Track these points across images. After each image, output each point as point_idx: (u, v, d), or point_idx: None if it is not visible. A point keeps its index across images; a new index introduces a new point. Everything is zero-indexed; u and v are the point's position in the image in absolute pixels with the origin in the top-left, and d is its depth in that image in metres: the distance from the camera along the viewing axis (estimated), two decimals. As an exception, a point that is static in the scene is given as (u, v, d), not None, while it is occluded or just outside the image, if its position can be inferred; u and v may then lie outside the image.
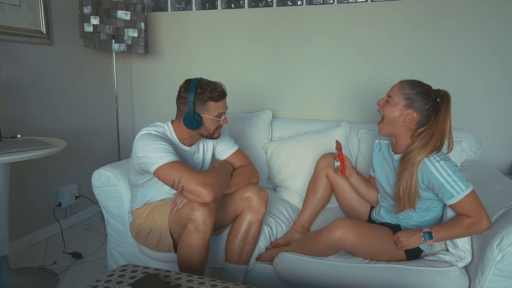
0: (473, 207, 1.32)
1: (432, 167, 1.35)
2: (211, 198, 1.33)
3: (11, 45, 2.08)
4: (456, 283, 1.35)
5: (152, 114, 2.86)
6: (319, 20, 2.36)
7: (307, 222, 1.82)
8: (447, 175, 1.33)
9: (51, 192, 2.41)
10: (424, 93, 1.40)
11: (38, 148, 1.64)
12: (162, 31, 2.71)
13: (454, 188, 1.32)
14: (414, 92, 1.40)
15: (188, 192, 1.33)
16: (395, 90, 1.45)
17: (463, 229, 1.34)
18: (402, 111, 1.42)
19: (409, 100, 1.41)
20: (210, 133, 1.51)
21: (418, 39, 2.20)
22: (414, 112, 1.41)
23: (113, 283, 1.09)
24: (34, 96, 2.24)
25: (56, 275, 1.95)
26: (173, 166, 1.35)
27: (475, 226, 1.32)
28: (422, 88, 1.42)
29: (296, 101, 2.50)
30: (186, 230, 1.37)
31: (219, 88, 1.47)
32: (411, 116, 1.41)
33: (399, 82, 1.46)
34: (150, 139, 1.40)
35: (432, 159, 1.36)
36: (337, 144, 1.63)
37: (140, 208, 1.58)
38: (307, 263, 1.50)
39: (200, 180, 1.33)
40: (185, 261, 1.39)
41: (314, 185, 1.83)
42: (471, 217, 1.32)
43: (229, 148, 1.71)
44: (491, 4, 2.07)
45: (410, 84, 1.43)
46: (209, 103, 1.45)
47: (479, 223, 1.31)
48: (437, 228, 1.39)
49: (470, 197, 1.32)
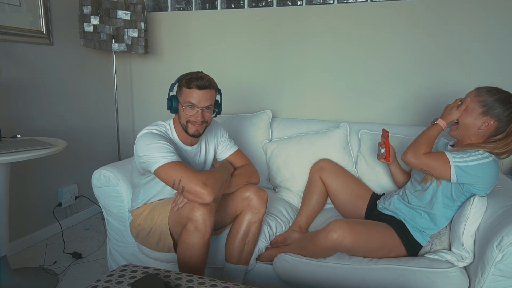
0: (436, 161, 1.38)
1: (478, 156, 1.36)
2: (211, 199, 1.32)
3: (11, 45, 2.08)
4: (456, 283, 1.35)
5: (152, 114, 2.86)
6: (319, 20, 2.36)
7: (305, 223, 1.82)
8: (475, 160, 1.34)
9: (51, 192, 2.41)
10: (503, 100, 1.37)
11: (38, 148, 1.64)
12: (162, 31, 2.71)
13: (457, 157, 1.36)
14: (491, 99, 1.37)
15: (189, 192, 1.33)
16: (472, 96, 1.42)
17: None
18: (479, 118, 1.39)
19: (486, 107, 1.38)
20: (184, 124, 1.48)
21: (418, 39, 2.20)
22: (491, 119, 1.37)
23: (113, 283, 1.09)
24: (34, 96, 2.24)
25: (56, 275, 1.95)
26: (173, 166, 1.34)
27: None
28: (501, 95, 1.38)
29: (296, 101, 2.50)
30: (186, 230, 1.36)
31: (200, 79, 1.42)
32: (488, 123, 1.38)
33: (476, 89, 1.44)
34: (151, 138, 1.40)
35: (485, 153, 1.35)
36: (384, 132, 1.64)
37: (140, 208, 1.58)
38: (307, 264, 1.51)
39: (200, 180, 1.32)
40: (185, 260, 1.39)
41: (310, 188, 1.87)
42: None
43: (229, 148, 1.72)
44: (491, 4, 2.07)
45: (488, 91, 1.40)
46: (183, 89, 1.45)
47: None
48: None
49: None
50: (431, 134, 1.45)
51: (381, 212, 1.67)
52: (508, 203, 1.35)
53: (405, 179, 1.77)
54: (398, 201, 1.62)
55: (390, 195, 1.71)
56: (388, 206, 1.64)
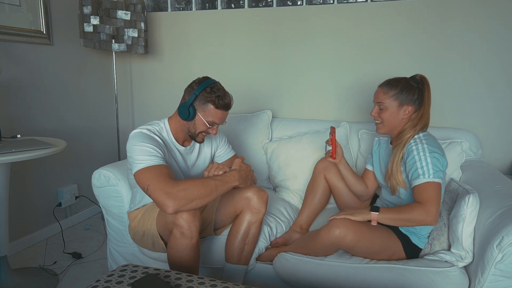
0: (430, 195, 1.34)
1: (414, 146, 1.43)
2: (172, 211, 1.26)
3: (11, 45, 2.08)
4: (456, 283, 1.35)
5: (152, 114, 2.86)
6: (319, 20, 2.36)
7: (305, 223, 1.82)
8: (423, 155, 1.39)
9: (51, 192, 2.41)
10: (406, 87, 1.48)
11: (38, 148, 1.64)
12: (162, 31, 2.71)
13: (423, 169, 1.37)
14: (397, 90, 1.48)
15: (154, 201, 1.31)
16: (381, 96, 1.51)
17: (409, 214, 1.35)
18: (398, 110, 1.49)
19: (399, 99, 1.48)
20: (195, 133, 1.50)
21: (418, 39, 2.20)
22: (408, 106, 1.48)
23: (113, 283, 1.09)
24: (34, 96, 2.24)
25: (56, 275, 1.95)
26: (147, 172, 1.32)
27: (422, 214, 1.33)
28: (401, 83, 1.49)
29: (296, 101, 2.50)
30: (173, 235, 1.35)
31: (227, 99, 1.48)
32: (408, 111, 1.49)
33: (379, 87, 1.53)
34: (138, 139, 1.40)
35: (417, 139, 1.45)
36: (331, 129, 1.65)
37: (135, 211, 1.58)
38: (307, 263, 1.50)
39: (164, 190, 1.27)
40: (176, 264, 1.38)
41: (313, 187, 1.85)
42: (422, 204, 1.34)
43: (227, 153, 1.74)
44: (491, 4, 2.07)
45: (390, 85, 1.50)
46: (209, 106, 1.45)
47: (427, 213, 1.33)
48: (386, 208, 1.41)
49: (432, 186, 1.35)
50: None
51: None
52: (508, 203, 1.35)
53: (359, 183, 1.72)
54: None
55: (379, 201, 1.72)
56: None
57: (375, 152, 1.72)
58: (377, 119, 1.55)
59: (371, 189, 1.75)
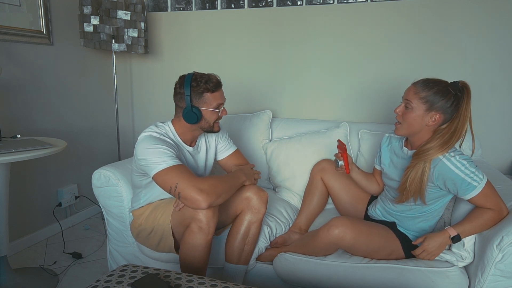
0: (492, 196, 1.31)
1: (450, 164, 1.30)
2: (206, 205, 1.30)
3: (11, 45, 2.08)
4: (456, 283, 1.35)
5: (152, 114, 2.86)
6: (319, 20, 2.36)
7: (304, 225, 1.82)
8: (465, 169, 1.29)
9: (51, 192, 2.41)
10: (442, 91, 1.33)
11: (38, 148, 1.64)
12: (162, 31, 2.71)
13: (474, 179, 1.29)
14: (431, 93, 1.33)
15: (184, 198, 1.32)
16: (411, 94, 1.36)
17: (487, 221, 1.30)
18: (424, 115, 1.35)
19: (428, 103, 1.33)
20: (210, 125, 1.50)
21: (418, 39, 2.20)
22: (436, 113, 1.34)
23: (113, 283, 1.09)
24: (34, 96, 2.24)
25: (56, 275, 1.95)
26: (170, 172, 1.33)
27: (498, 216, 1.30)
28: (439, 86, 1.34)
29: (296, 101, 2.50)
30: (190, 230, 1.36)
31: (214, 78, 1.47)
32: (435, 118, 1.34)
33: (413, 85, 1.38)
34: (150, 142, 1.40)
35: (448, 157, 1.31)
36: (341, 144, 1.58)
37: (141, 208, 1.58)
38: (307, 263, 1.50)
39: (195, 186, 1.30)
40: (188, 261, 1.39)
41: (310, 189, 1.86)
42: (492, 208, 1.30)
43: (228, 148, 1.72)
44: (491, 4, 2.07)
45: (424, 85, 1.35)
46: (206, 95, 1.45)
47: (500, 212, 1.30)
48: (459, 227, 1.33)
49: (489, 186, 1.31)
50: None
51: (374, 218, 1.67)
52: (508, 203, 1.35)
53: (371, 184, 1.70)
54: (383, 211, 1.61)
55: (375, 203, 1.70)
56: (376, 215, 1.64)
57: (384, 151, 1.62)
58: (399, 118, 1.41)
59: (383, 186, 1.70)
